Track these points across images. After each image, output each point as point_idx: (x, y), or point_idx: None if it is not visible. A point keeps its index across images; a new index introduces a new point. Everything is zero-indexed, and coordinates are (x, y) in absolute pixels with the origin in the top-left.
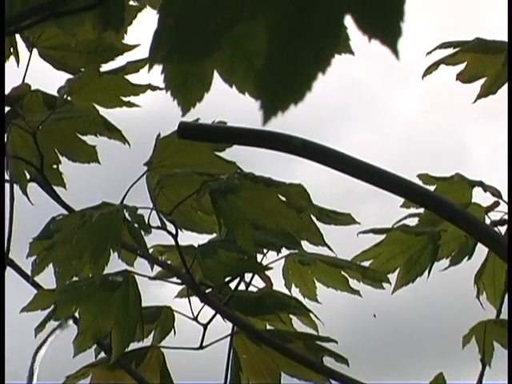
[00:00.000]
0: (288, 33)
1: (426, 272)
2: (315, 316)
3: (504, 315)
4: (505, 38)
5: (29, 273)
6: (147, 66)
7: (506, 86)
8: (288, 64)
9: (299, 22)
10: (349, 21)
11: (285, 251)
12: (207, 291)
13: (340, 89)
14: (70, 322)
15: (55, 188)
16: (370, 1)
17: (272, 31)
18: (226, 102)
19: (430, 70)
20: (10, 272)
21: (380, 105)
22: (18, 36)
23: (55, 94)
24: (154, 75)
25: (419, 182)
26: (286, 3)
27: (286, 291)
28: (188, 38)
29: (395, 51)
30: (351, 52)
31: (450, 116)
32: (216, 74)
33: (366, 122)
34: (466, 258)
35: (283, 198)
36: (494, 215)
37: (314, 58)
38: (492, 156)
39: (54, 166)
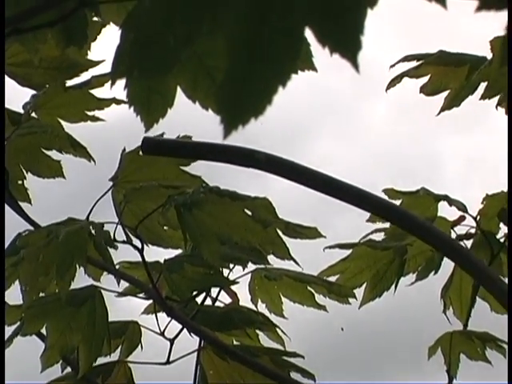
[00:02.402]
0: (247, 46)
1: (393, 286)
2: (282, 331)
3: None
4: (468, 51)
5: None
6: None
7: (469, 99)
8: (247, 77)
9: (258, 35)
10: (311, 36)
11: (251, 266)
12: (174, 306)
13: (309, 99)
14: None
15: (21, 204)
16: (329, 15)
17: (231, 45)
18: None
19: (393, 83)
20: None
21: (350, 115)
22: None
23: (20, 111)
24: (119, 89)
25: (385, 197)
26: (245, 17)
27: (253, 306)
28: (147, 52)
29: (355, 64)
30: (314, 69)
31: (422, 127)
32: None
33: (336, 132)
34: (433, 272)
35: (249, 212)
36: (460, 229)
37: (273, 72)
38: (464, 168)
39: (20, 182)
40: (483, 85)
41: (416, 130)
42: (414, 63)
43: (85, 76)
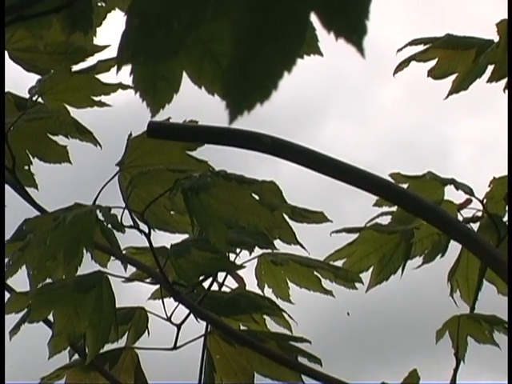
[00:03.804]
0: (252, 32)
1: (400, 270)
2: (289, 316)
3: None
4: (476, 34)
5: None
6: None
7: (477, 83)
8: (252, 63)
9: (263, 21)
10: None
11: (258, 251)
12: (181, 291)
13: (320, 80)
14: None
15: (27, 189)
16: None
17: (236, 31)
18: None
19: (400, 67)
20: None
21: (362, 96)
22: None
23: (26, 96)
24: (124, 74)
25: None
26: (249, 3)
27: (259, 291)
28: (152, 37)
29: (360, 49)
30: (320, 53)
31: (434, 109)
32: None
33: (348, 113)
34: (439, 255)
35: (256, 196)
36: (467, 212)
37: (278, 57)
38: (476, 151)
39: (26, 167)
40: (490, 68)
41: (427, 112)
42: (422, 47)
43: (90, 61)
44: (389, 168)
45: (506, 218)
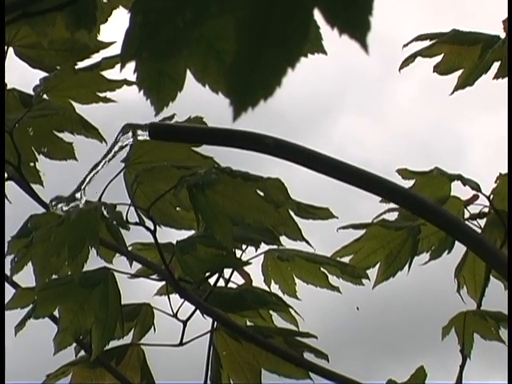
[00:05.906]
0: (255, 28)
1: (407, 266)
2: (295, 312)
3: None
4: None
5: (7, 272)
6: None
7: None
8: (256, 59)
9: (266, 17)
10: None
11: (264, 247)
12: (187, 287)
13: (336, 75)
14: None
15: (33, 186)
16: None
17: (240, 27)
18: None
19: (406, 63)
20: None
21: (377, 93)
22: None
23: (31, 92)
24: (130, 70)
25: (398, 177)
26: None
27: (266, 287)
28: (156, 35)
29: (364, 45)
30: (324, 52)
31: (450, 106)
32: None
33: (362, 109)
34: (446, 251)
35: (261, 193)
36: (474, 208)
37: (282, 53)
38: (492, 149)
39: (31, 164)
40: (496, 64)
41: (444, 109)
42: (428, 42)
43: (96, 58)
44: (402, 165)
45: None
